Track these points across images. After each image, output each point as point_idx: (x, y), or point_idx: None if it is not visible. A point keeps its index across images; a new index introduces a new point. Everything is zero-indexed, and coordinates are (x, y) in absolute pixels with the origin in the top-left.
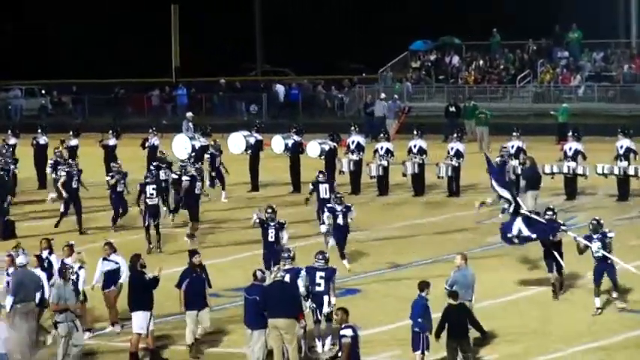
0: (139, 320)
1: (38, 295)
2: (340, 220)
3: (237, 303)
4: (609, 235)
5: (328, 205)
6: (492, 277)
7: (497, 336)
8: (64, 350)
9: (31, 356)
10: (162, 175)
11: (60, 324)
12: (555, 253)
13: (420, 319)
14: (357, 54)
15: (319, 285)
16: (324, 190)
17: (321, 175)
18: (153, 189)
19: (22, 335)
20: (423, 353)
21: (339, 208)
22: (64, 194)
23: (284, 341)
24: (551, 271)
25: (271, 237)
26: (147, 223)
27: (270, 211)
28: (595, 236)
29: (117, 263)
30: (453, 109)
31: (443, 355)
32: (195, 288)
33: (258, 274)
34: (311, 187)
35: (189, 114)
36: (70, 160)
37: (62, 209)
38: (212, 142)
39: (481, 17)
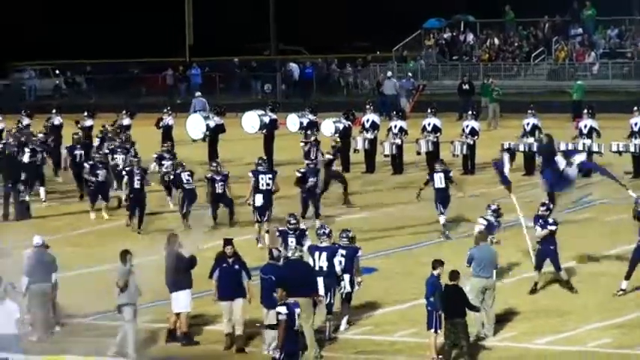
0: (183, 300)
1: (54, 277)
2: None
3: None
4: (550, 227)
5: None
6: (507, 255)
7: (514, 314)
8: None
9: (47, 337)
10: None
11: (125, 307)
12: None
13: (431, 298)
14: (371, 32)
15: (340, 263)
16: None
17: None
18: (188, 175)
19: (38, 317)
20: (436, 332)
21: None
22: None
23: (301, 320)
24: (539, 269)
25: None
26: (185, 209)
27: (293, 221)
28: (540, 221)
29: None
30: (466, 86)
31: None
32: (227, 278)
33: (274, 252)
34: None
35: (197, 93)
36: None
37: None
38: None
39: None
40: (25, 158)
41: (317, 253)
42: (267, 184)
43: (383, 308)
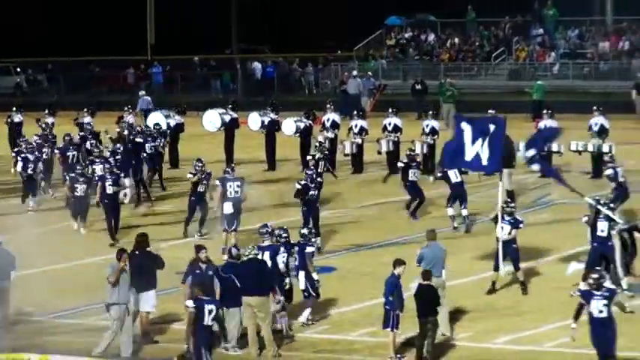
0: (151, 299)
1: (13, 274)
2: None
3: None
4: (520, 225)
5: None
6: (465, 255)
7: (470, 313)
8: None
9: (4, 337)
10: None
11: (112, 306)
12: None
13: (390, 297)
14: (333, 31)
15: (295, 260)
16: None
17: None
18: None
19: None
20: (392, 330)
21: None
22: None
23: (258, 319)
24: (497, 269)
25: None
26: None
27: (285, 235)
28: (507, 219)
29: None
30: (419, 86)
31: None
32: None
33: (233, 251)
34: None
35: (141, 92)
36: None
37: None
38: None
39: None
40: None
41: (259, 253)
42: (236, 192)
43: (341, 307)
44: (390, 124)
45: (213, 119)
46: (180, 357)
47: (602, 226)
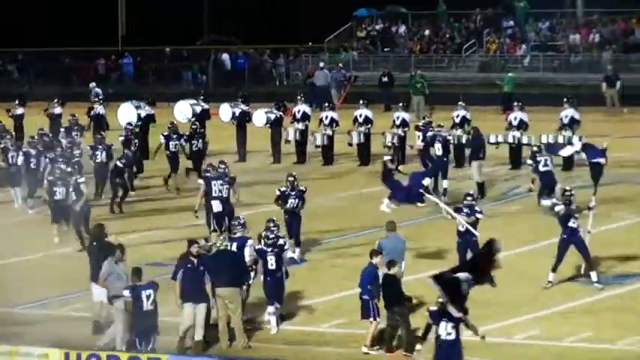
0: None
1: None
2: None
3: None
4: (478, 215)
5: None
6: (434, 246)
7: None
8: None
9: None
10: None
11: (116, 298)
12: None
13: (369, 286)
14: (304, 23)
15: (250, 254)
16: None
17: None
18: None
19: None
20: (375, 319)
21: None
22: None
23: (228, 310)
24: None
25: (271, 264)
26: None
27: (272, 236)
28: (465, 211)
29: None
30: (385, 78)
31: None
32: (191, 280)
33: (203, 243)
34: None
35: (92, 84)
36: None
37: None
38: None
39: None
40: None
41: (229, 244)
42: (221, 190)
43: (312, 299)
44: (360, 115)
45: (184, 110)
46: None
47: (574, 218)
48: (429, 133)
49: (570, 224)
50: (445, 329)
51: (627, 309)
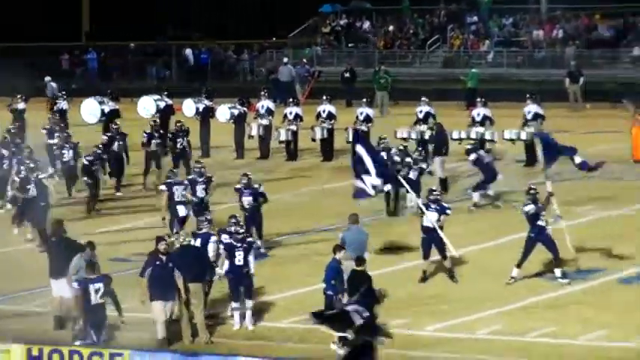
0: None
1: None
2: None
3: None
4: (447, 211)
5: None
6: (397, 242)
7: (402, 301)
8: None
9: None
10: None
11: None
12: (442, 236)
13: (333, 282)
14: (268, 18)
15: (214, 250)
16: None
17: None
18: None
19: None
20: None
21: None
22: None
23: (191, 306)
24: (426, 258)
25: (239, 260)
26: None
27: (242, 230)
28: (433, 206)
29: None
30: (347, 74)
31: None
32: (160, 277)
33: (166, 238)
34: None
35: (47, 78)
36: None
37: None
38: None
39: None
40: None
41: (192, 240)
42: (183, 195)
43: (274, 295)
44: (324, 111)
45: (147, 105)
46: (74, 337)
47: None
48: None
49: (539, 222)
50: None
51: (590, 304)
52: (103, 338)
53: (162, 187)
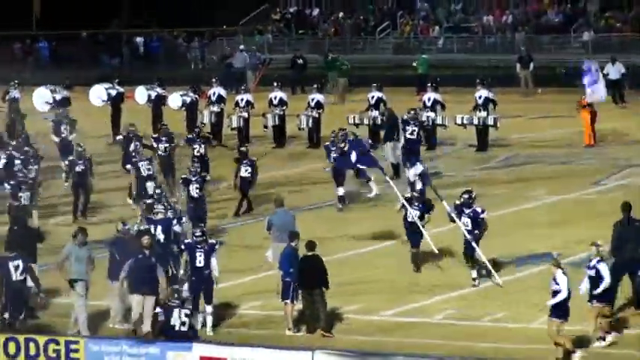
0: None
1: None
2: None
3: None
4: (482, 215)
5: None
6: (353, 228)
7: (356, 287)
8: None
9: None
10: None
11: (77, 282)
12: (421, 228)
13: (291, 269)
14: (219, 5)
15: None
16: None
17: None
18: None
19: None
20: (292, 302)
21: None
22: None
23: None
24: (416, 245)
25: (200, 262)
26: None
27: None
28: (467, 211)
29: None
30: (300, 61)
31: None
32: (142, 271)
33: (120, 226)
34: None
35: None
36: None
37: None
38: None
39: None
40: None
41: (150, 227)
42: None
43: (228, 281)
44: (275, 98)
45: (99, 94)
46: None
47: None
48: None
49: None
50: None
51: (542, 289)
52: (22, 317)
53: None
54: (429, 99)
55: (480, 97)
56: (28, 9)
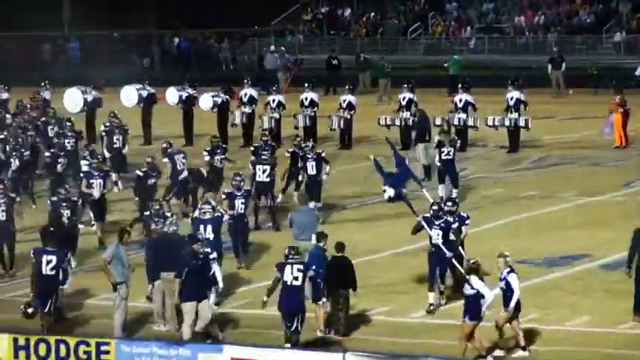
0: None
1: None
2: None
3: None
4: (454, 225)
5: None
6: (381, 230)
7: (385, 289)
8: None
9: None
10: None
11: (121, 285)
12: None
13: (320, 270)
14: (250, 6)
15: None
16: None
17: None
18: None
19: None
20: (323, 303)
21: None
22: None
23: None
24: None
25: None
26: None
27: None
28: (437, 222)
29: None
30: (335, 61)
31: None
32: (194, 277)
33: (153, 225)
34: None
35: None
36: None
37: None
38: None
39: None
40: None
41: (202, 226)
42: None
43: (255, 283)
44: (306, 99)
45: (130, 95)
46: (26, 305)
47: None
48: None
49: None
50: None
51: (574, 290)
52: (47, 310)
53: (165, 160)
54: (460, 100)
55: (511, 98)
56: (59, 11)
